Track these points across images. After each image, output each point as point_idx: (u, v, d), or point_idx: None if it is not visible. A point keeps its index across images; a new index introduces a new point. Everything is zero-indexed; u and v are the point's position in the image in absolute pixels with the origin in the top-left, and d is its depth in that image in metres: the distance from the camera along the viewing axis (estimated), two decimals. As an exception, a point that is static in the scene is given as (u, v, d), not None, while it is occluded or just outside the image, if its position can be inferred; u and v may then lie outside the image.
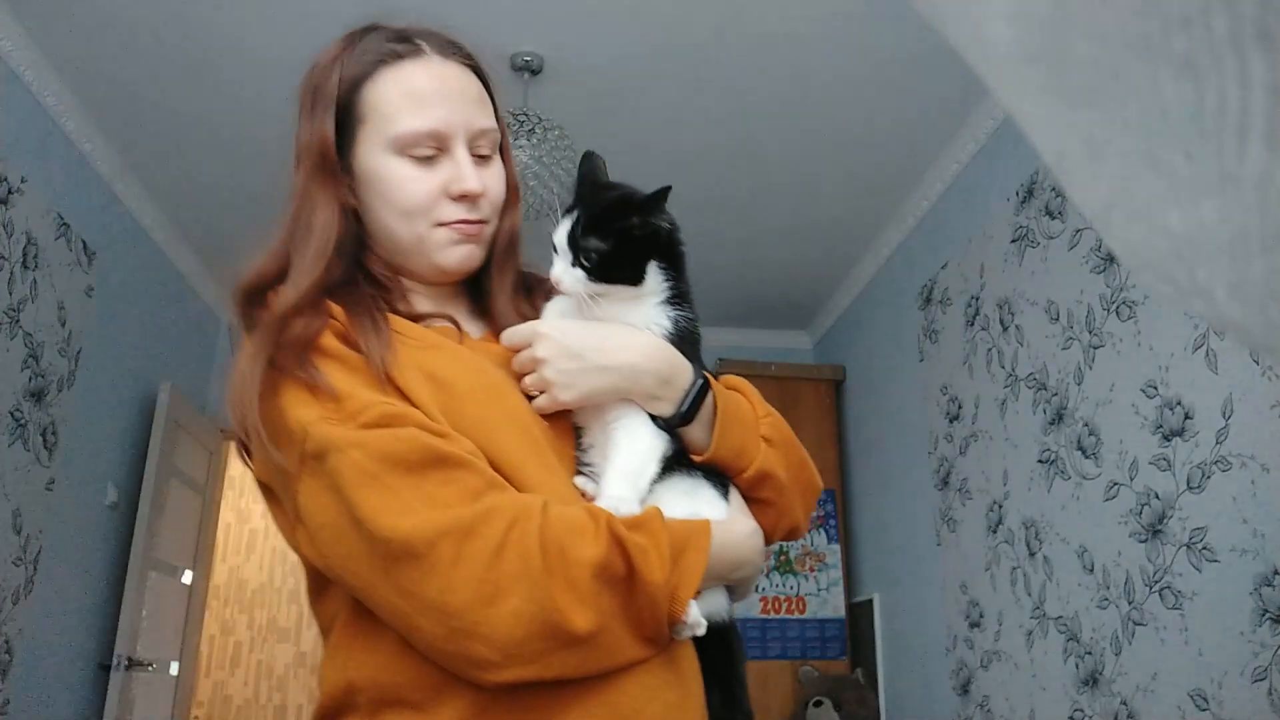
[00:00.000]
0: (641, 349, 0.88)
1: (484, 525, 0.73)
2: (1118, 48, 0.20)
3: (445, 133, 0.92)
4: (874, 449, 4.03)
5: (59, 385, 3.13)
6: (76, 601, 3.29)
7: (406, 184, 0.91)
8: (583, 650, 0.73)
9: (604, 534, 0.75)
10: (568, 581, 0.73)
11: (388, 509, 0.73)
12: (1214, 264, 0.23)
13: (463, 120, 0.93)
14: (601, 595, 0.74)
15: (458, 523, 0.73)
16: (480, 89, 0.98)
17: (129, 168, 3.42)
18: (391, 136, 0.91)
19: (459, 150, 0.93)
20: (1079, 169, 0.25)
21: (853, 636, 4.03)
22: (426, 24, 1.00)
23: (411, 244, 0.93)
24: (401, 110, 0.91)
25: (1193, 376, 2.13)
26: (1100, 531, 2.42)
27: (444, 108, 0.92)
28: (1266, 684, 1.86)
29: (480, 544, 0.72)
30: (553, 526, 0.74)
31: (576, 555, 0.73)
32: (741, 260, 4.06)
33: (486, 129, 0.95)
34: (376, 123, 0.92)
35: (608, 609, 0.74)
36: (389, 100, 0.92)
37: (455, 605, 0.71)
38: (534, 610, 0.71)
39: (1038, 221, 2.79)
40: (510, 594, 0.71)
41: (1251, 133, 0.19)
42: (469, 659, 0.73)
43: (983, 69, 0.25)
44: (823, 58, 2.83)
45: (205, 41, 2.79)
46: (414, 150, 0.91)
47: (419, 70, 0.94)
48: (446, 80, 0.94)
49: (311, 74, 0.98)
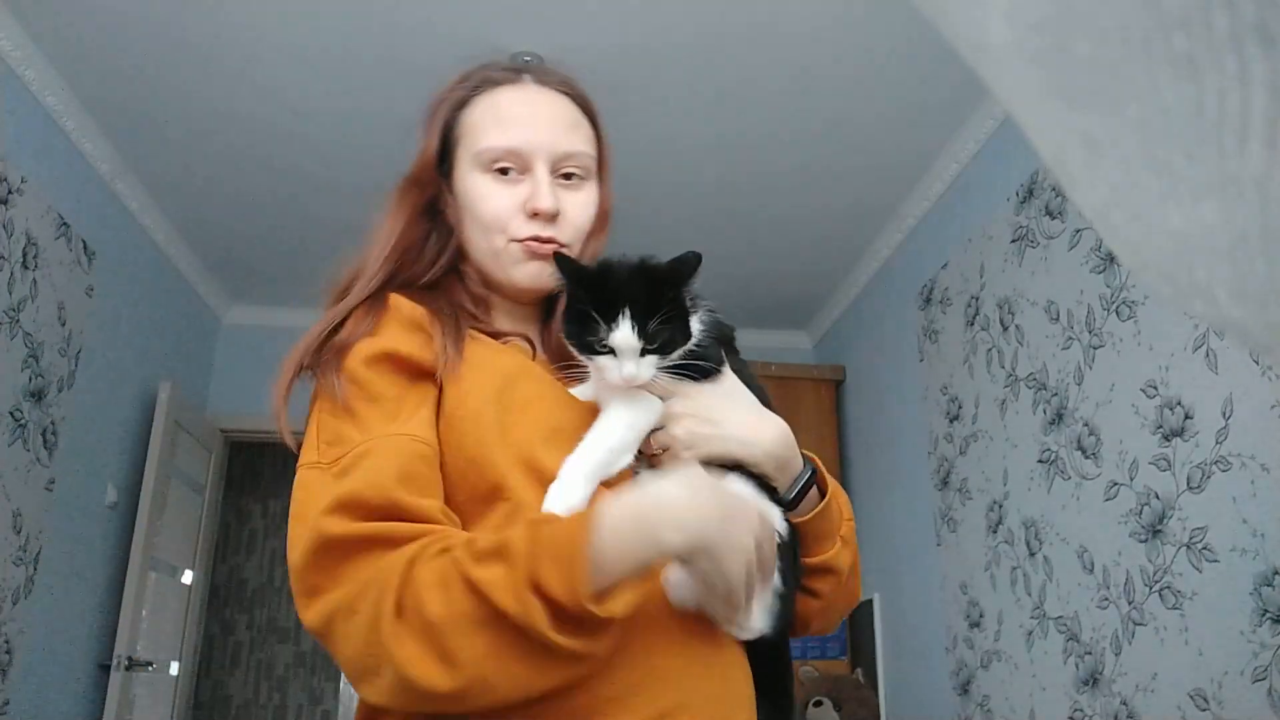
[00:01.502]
0: (772, 434, 0.92)
1: (360, 601, 0.74)
2: (1118, 48, 0.20)
3: (525, 151, 0.97)
4: (874, 449, 4.02)
5: (59, 385, 3.13)
6: (76, 601, 3.29)
7: (486, 198, 0.97)
8: (464, 699, 0.73)
9: (455, 582, 0.73)
10: (426, 641, 0.72)
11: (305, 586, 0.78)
12: (1214, 264, 0.22)
13: (547, 141, 0.98)
14: (467, 643, 0.71)
15: (342, 602, 0.75)
16: (577, 116, 1.03)
17: (129, 168, 3.42)
18: (476, 152, 0.98)
19: (540, 169, 0.97)
20: (1079, 169, 0.25)
21: (853, 636, 4.03)
22: (545, 65, 1.08)
23: (489, 258, 0.99)
24: (487, 129, 0.98)
25: (1193, 376, 2.13)
26: (1100, 531, 2.42)
27: (528, 128, 0.98)
28: (1266, 684, 1.86)
29: (358, 621, 0.74)
30: (413, 585, 0.73)
31: (428, 614, 0.72)
32: (741, 260, 4.06)
33: (574, 152, 0.99)
34: (467, 142, 1.00)
35: (477, 656, 0.72)
36: (479, 120, 1.00)
37: (354, 678, 0.77)
38: (397, 681, 0.72)
39: (1038, 221, 2.79)
40: (384, 665, 0.73)
41: (1251, 133, 0.19)
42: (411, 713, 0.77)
43: (982, 69, 0.25)
44: (822, 58, 2.83)
45: (206, 42, 2.79)
46: (495, 166, 0.97)
47: (510, 94, 1.01)
48: (536, 104, 1.00)
49: (431, 100, 1.05)
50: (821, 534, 0.96)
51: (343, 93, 3.01)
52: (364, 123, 3.15)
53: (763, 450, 0.90)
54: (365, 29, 2.73)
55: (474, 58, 1.09)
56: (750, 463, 0.90)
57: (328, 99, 3.04)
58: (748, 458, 0.89)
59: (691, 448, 0.88)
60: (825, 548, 0.96)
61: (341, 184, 3.47)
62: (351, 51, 2.83)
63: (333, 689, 6.00)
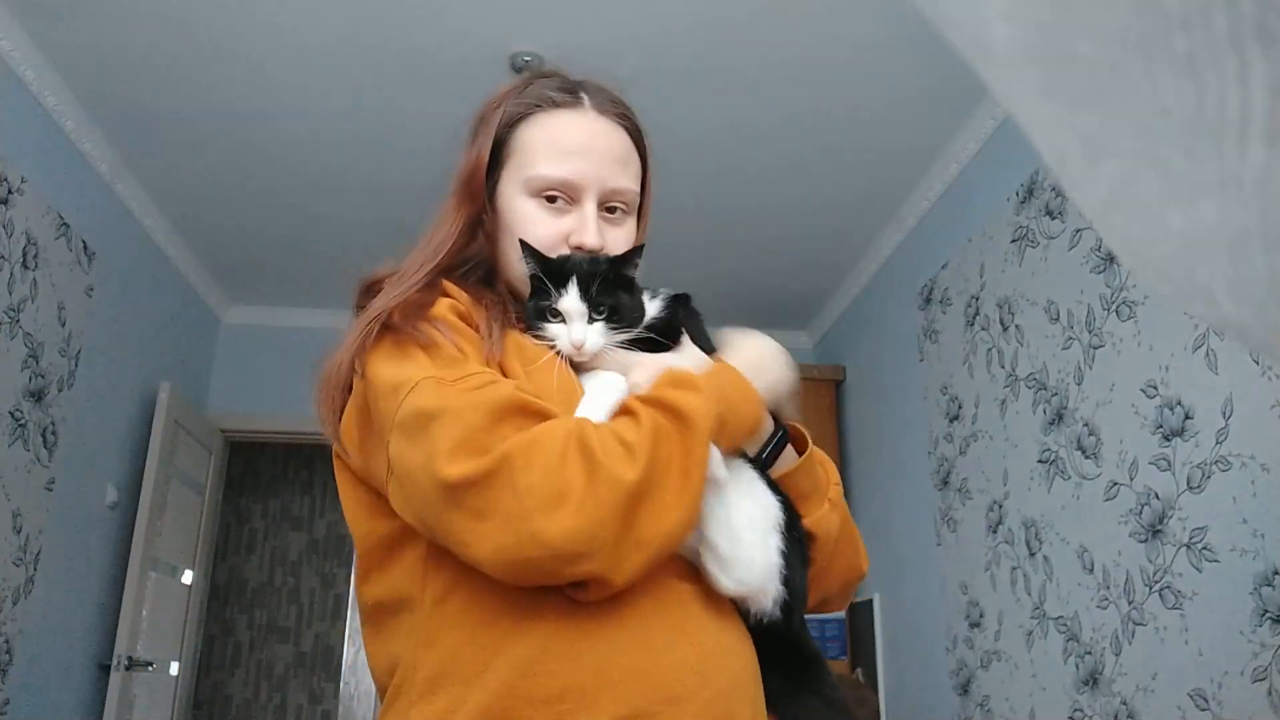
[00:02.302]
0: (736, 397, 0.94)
1: (547, 437, 0.77)
2: (1118, 48, 0.20)
3: (578, 184, 0.98)
4: (874, 449, 4.02)
5: (59, 385, 3.13)
6: (76, 601, 3.29)
7: (532, 224, 0.97)
8: (644, 503, 0.77)
9: (640, 407, 0.82)
10: (621, 446, 0.78)
11: (463, 445, 0.77)
12: (1214, 264, 0.22)
13: (598, 177, 0.98)
14: (656, 445, 0.79)
15: (525, 440, 0.77)
16: (629, 149, 1.03)
17: (129, 168, 3.42)
18: (527, 177, 0.98)
19: (588, 204, 0.98)
20: (1079, 169, 0.25)
21: (853, 636, 4.03)
22: (600, 80, 1.06)
23: (523, 281, 0.98)
24: (542, 155, 0.98)
25: (1193, 376, 2.13)
26: (1100, 531, 2.42)
27: (584, 161, 0.98)
28: (1266, 684, 1.86)
29: (545, 449, 0.76)
30: (600, 432, 0.80)
31: (618, 429, 0.80)
32: (741, 260, 4.06)
33: (623, 189, 1.00)
34: (519, 162, 0.99)
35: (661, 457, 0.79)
36: (534, 143, 0.99)
37: (530, 507, 0.74)
38: (590, 484, 0.75)
39: (1038, 221, 2.79)
40: (577, 486, 0.75)
41: (1251, 132, 0.19)
42: (539, 567, 0.76)
43: (983, 69, 0.25)
44: (822, 59, 2.83)
45: (205, 42, 2.79)
46: (545, 194, 0.98)
47: (570, 120, 1.00)
48: (595, 135, 1.00)
49: (482, 107, 1.05)
50: (806, 492, 0.95)
51: (343, 92, 3.01)
52: (365, 122, 3.15)
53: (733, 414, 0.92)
54: (367, 28, 2.73)
55: (472, 60, 1.10)
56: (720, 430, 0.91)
57: (328, 98, 3.04)
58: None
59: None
60: (811, 508, 0.95)
61: (342, 184, 3.47)
62: (353, 50, 2.83)
63: (333, 689, 6.00)
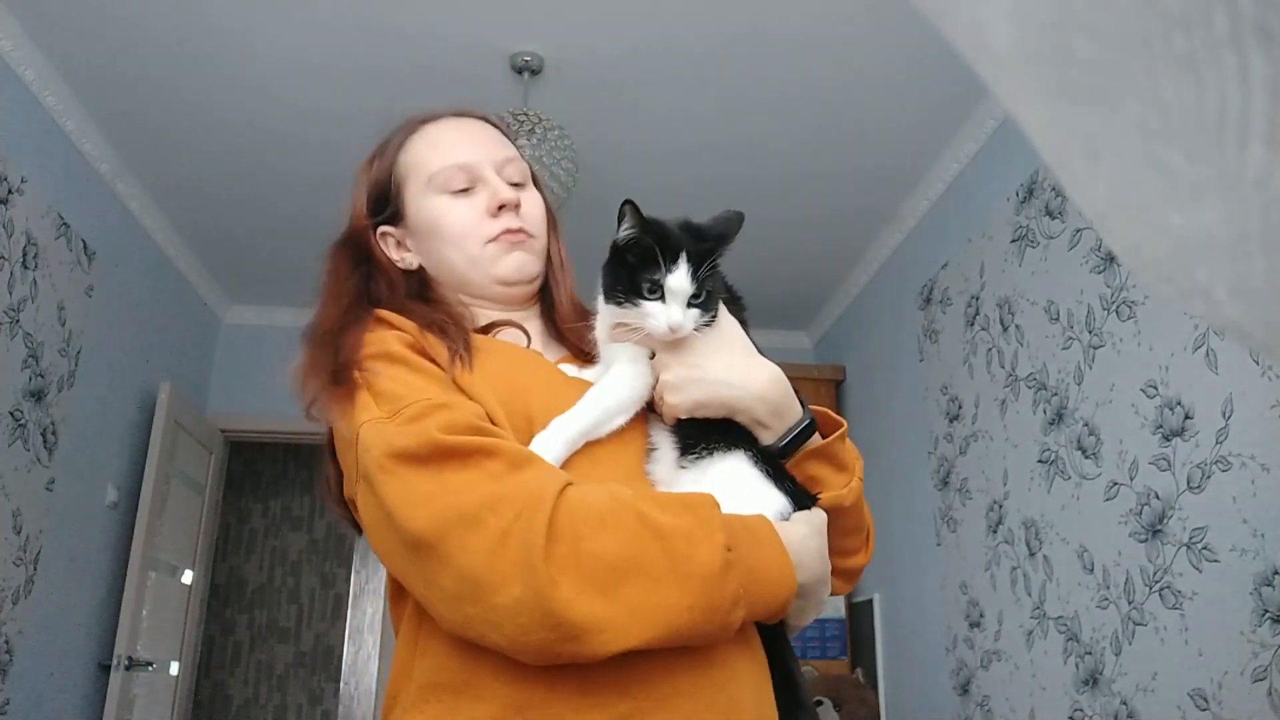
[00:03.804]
0: (763, 377, 0.91)
1: (490, 514, 0.74)
2: (1118, 47, 0.20)
3: (472, 163, 1.02)
4: (874, 449, 4.02)
5: (59, 385, 3.13)
6: (76, 601, 3.29)
7: (451, 213, 1.01)
8: (595, 639, 0.72)
9: (627, 519, 0.75)
10: (578, 570, 0.72)
11: (405, 501, 0.76)
12: (1214, 264, 0.22)
13: (486, 153, 1.04)
14: (623, 585, 0.73)
15: (462, 513, 0.74)
16: (500, 135, 1.09)
17: (129, 168, 3.42)
18: (428, 177, 1.02)
19: (489, 174, 1.03)
20: (1079, 169, 0.25)
21: (853, 636, 4.03)
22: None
23: (468, 267, 1.01)
24: (431, 156, 1.03)
25: (1193, 376, 2.13)
26: (1100, 531, 2.42)
27: (467, 146, 1.04)
28: (1266, 684, 1.86)
29: (484, 534, 0.73)
30: (564, 513, 0.74)
31: (589, 547, 0.73)
32: (741, 260, 4.02)
33: (511, 157, 1.05)
34: (415, 175, 1.04)
35: (630, 599, 0.73)
36: (420, 153, 1.04)
37: (465, 593, 0.73)
38: (533, 599, 0.71)
39: (1038, 221, 2.79)
40: (513, 582, 0.71)
41: (1251, 133, 0.19)
42: (488, 643, 0.74)
43: (983, 69, 0.25)
44: (822, 58, 2.83)
45: (206, 42, 2.79)
46: (450, 186, 1.02)
47: (440, 125, 1.07)
48: (465, 128, 1.07)
49: (357, 169, 1.12)
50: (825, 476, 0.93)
51: (343, 94, 3.01)
52: (364, 124, 3.13)
53: (752, 394, 0.90)
54: (366, 31, 2.73)
55: (472, 61, 1.13)
56: (741, 407, 0.89)
57: (328, 100, 3.04)
58: (736, 401, 0.89)
59: (678, 391, 0.89)
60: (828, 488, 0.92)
61: (342, 185, 3.46)
62: (352, 53, 2.83)
63: (333, 689, 6.01)
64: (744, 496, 0.85)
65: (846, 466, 0.94)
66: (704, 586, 0.74)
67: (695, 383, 0.89)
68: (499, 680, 0.77)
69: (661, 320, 0.86)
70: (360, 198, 1.07)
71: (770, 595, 0.79)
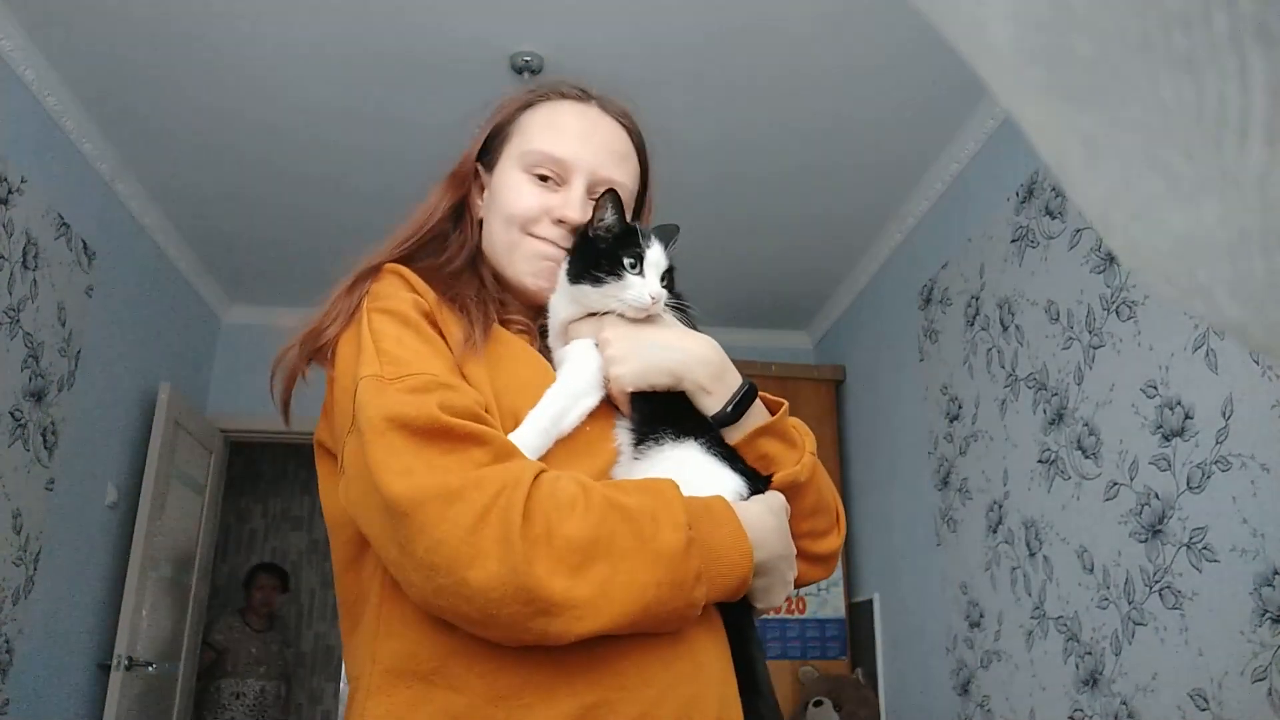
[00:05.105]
0: (700, 342, 0.95)
1: (472, 490, 0.75)
2: (1118, 47, 0.20)
3: (570, 164, 1.00)
4: (874, 449, 4.02)
5: (59, 385, 3.13)
6: (76, 601, 3.29)
7: (519, 193, 1.00)
8: (566, 615, 0.74)
9: (596, 502, 0.78)
10: (550, 551, 0.75)
11: (389, 467, 0.77)
12: (1214, 264, 0.22)
13: (591, 163, 1.01)
14: (594, 564, 0.76)
15: (445, 488, 0.75)
16: (629, 149, 1.06)
17: (129, 168, 3.42)
18: (523, 151, 1.01)
19: (577, 184, 1.00)
20: (1079, 169, 0.25)
21: (853, 636, 4.03)
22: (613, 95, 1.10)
23: (504, 250, 1.01)
24: (541, 133, 1.02)
25: (1193, 376, 2.13)
26: (1100, 531, 2.42)
27: (580, 145, 1.01)
28: (1266, 684, 1.86)
29: (465, 508, 0.74)
30: (539, 496, 0.77)
31: (561, 529, 0.76)
32: (742, 260, 4.06)
33: (615, 181, 1.01)
34: (519, 140, 1.03)
35: (600, 578, 0.75)
36: (536, 124, 1.03)
37: (439, 563, 0.74)
38: (508, 574, 0.73)
39: (1038, 221, 2.79)
40: (489, 557, 0.73)
41: (1251, 133, 0.19)
42: (456, 615, 0.76)
43: (982, 69, 0.25)
44: (822, 58, 2.83)
45: (206, 42, 2.79)
46: (536, 169, 1.00)
47: (574, 109, 1.04)
48: (595, 126, 1.04)
49: (498, 102, 1.10)
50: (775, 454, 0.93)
51: (344, 93, 3.01)
52: (365, 123, 3.15)
53: (694, 356, 0.92)
54: (367, 29, 2.73)
55: (472, 60, 1.12)
56: (683, 372, 0.92)
57: (329, 99, 3.04)
58: (678, 366, 0.92)
59: (623, 362, 0.91)
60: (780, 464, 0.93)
61: (342, 185, 3.47)
62: (353, 51, 2.83)
63: (333, 689, 6.00)
64: (700, 480, 0.87)
65: (796, 443, 0.95)
66: (669, 564, 0.77)
67: (636, 351, 0.92)
68: (472, 671, 0.78)
69: (644, 291, 0.93)
70: (485, 132, 1.07)
71: (729, 572, 0.81)
